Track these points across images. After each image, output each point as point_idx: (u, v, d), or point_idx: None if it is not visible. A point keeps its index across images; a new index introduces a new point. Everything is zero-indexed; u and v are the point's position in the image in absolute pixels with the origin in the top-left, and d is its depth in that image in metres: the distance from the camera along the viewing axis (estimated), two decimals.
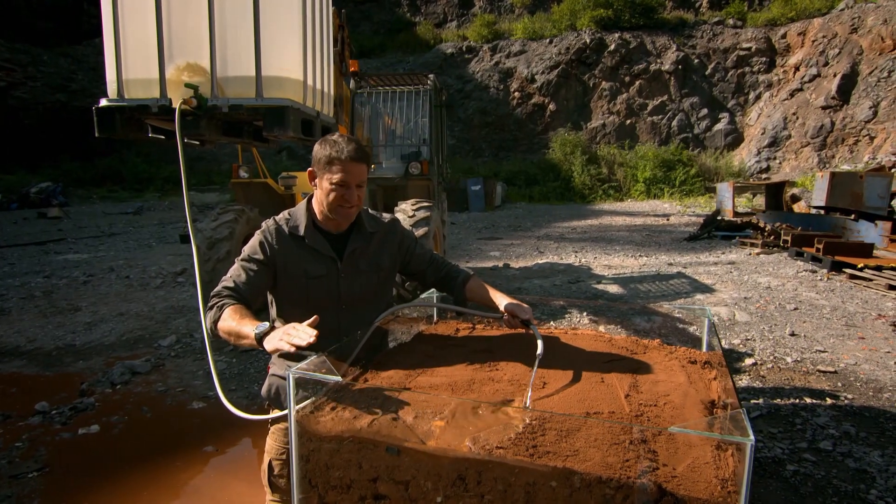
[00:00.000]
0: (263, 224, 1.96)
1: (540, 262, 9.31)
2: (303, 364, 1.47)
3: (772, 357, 4.65)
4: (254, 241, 1.93)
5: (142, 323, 6.08)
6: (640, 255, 9.81)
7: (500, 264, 9.10)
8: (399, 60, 28.44)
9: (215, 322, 1.76)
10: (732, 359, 4.66)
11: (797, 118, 23.13)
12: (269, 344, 1.58)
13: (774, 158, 23.62)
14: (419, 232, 5.50)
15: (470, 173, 22.31)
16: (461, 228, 14.58)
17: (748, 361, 4.57)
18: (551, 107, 26.53)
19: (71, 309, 6.70)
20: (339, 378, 1.43)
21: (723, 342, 5.01)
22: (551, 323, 5.56)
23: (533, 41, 27.62)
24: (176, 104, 2.77)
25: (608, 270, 8.42)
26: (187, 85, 2.80)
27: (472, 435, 1.34)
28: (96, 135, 2.92)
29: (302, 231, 1.92)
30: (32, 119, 24.78)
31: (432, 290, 2.28)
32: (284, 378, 1.94)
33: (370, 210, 2.13)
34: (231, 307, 1.75)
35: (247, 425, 3.47)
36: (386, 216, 2.14)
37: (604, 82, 26.28)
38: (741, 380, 4.28)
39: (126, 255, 10.79)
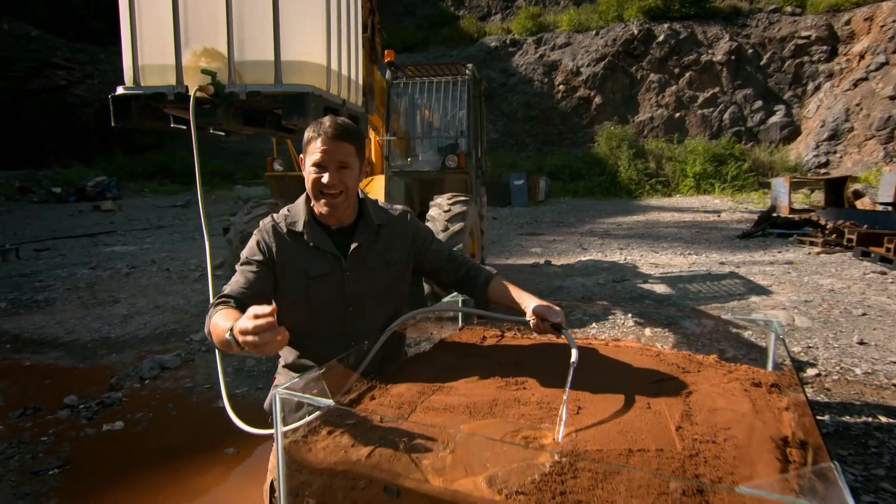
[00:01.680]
0: (261, 223, 1.79)
1: (583, 259, 8.97)
2: (292, 383, 1.27)
3: (838, 368, 4.25)
4: (251, 243, 1.76)
5: (176, 316, 6.07)
6: (689, 253, 9.35)
7: (541, 261, 8.80)
8: (442, 55, 28.21)
9: (208, 332, 1.58)
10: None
11: (861, 109, 21.88)
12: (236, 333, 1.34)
13: (834, 152, 22.42)
14: (454, 227, 5.28)
15: (513, 168, 21.95)
16: (502, 224, 14.29)
17: (811, 372, 4.18)
18: (597, 100, 25.88)
19: (110, 301, 6.76)
20: (330, 402, 1.22)
21: (781, 349, 4.62)
22: (591, 328, 5.26)
23: (579, 33, 26.98)
24: (193, 91, 2.61)
25: (655, 269, 8.02)
26: (204, 71, 2.65)
27: (489, 474, 1.12)
28: (112, 124, 2.80)
29: (300, 227, 1.73)
30: (89, 115, 25.67)
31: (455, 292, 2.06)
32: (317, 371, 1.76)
33: (380, 202, 1.92)
34: (222, 311, 1.57)
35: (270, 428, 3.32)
36: (397, 207, 1.92)
37: (652, 74, 25.46)
38: (785, 373, 3.90)
39: (170, 247, 10.96)
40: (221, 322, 1.49)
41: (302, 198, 1.79)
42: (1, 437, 3.56)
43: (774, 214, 11.93)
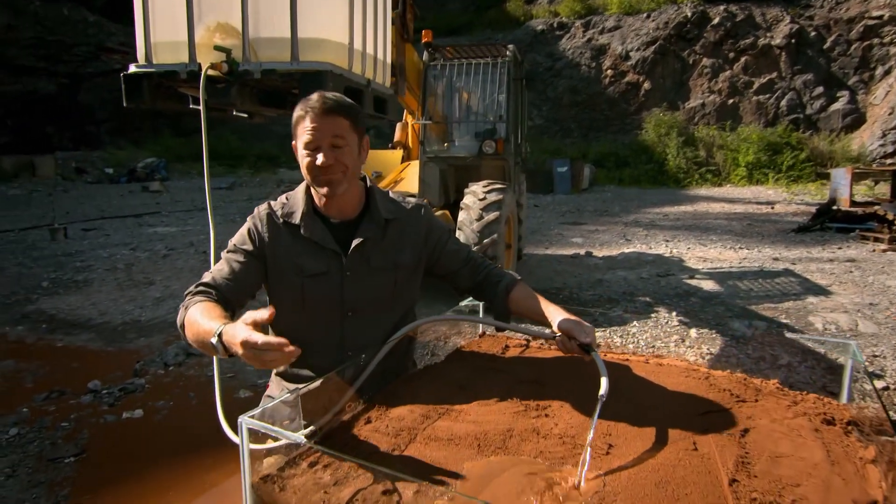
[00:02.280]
0: (256, 209, 1.60)
1: (626, 251, 8.60)
2: (261, 410, 1.08)
3: None
4: (242, 229, 1.57)
5: None
6: (739, 247, 8.85)
7: (582, 252, 8.47)
8: (488, 38, 27.72)
9: (182, 325, 1.41)
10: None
11: None
12: (228, 342, 1.19)
13: None
14: (489, 217, 5.05)
15: (557, 154, 21.44)
16: (544, 212, 13.94)
17: (878, 384, 3.80)
18: (646, 85, 25.01)
19: (146, 283, 6.79)
20: (300, 439, 1.02)
21: (843, 357, 4.24)
22: (632, 327, 4.95)
23: (629, 16, 26.08)
24: (204, 69, 2.45)
25: (703, 263, 7.60)
26: (217, 48, 2.48)
27: None
28: (124, 104, 2.67)
29: (298, 218, 1.53)
30: None
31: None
32: (282, 402, 1.58)
33: (391, 193, 1.70)
34: (199, 304, 1.39)
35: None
36: (410, 200, 1.70)
37: (705, 59, 24.42)
38: (867, 407, 3.54)
39: (210, 229, 11.04)
40: (202, 320, 1.32)
41: (301, 186, 1.59)
42: (25, 421, 3.54)
43: (834, 207, 11.21)
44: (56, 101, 24.82)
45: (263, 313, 1.17)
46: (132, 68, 2.65)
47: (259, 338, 1.09)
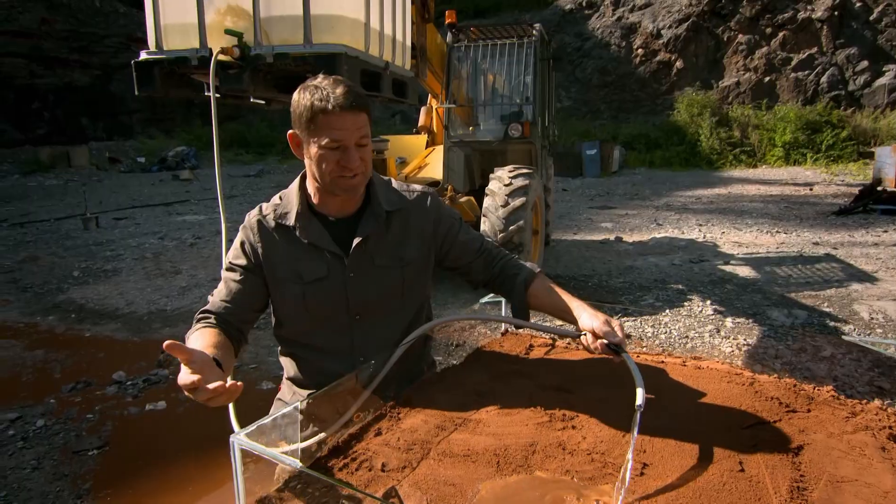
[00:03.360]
0: (246, 217, 1.47)
1: (657, 236, 8.35)
2: (257, 427, 0.99)
3: None
4: (235, 244, 1.46)
5: None
6: (777, 231, 8.52)
7: (612, 237, 8.25)
8: (515, 19, 27.23)
9: None
10: None
11: None
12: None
13: None
14: (515, 202, 4.90)
15: (586, 136, 21.05)
16: (573, 195, 13.67)
17: None
18: (678, 64, 24.30)
19: (173, 272, 6.83)
20: (296, 464, 0.92)
21: (892, 349, 4.00)
22: (664, 316, 4.77)
23: None
24: (214, 55, 2.36)
25: (738, 249, 7.32)
26: (228, 31, 2.38)
27: None
28: (136, 93, 2.60)
29: (292, 219, 1.40)
30: None
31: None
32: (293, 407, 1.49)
33: (393, 181, 1.55)
34: (196, 333, 1.31)
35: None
36: (415, 188, 1.55)
37: (740, 35, 23.57)
38: None
39: (237, 217, 10.98)
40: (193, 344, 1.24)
41: (295, 183, 1.45)
42: (51, 412, 3.56)
43: (879, 188, 10.72)
44: (90, 93, 25.28)
45: (204, 355, 1.13)
46: (143, 55, 2.57)
47: (187, 379, 1.00)
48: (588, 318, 1.38)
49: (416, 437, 1.16)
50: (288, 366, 1.54)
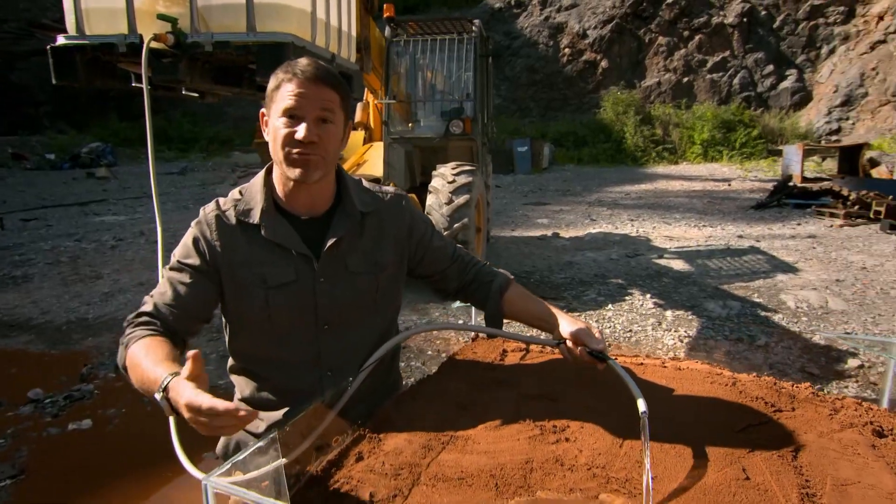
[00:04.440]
0: (202, 211, 1.30)
1: (592, 231, 8.54)
2: (230, 466, 0.87)
3: (881, 358, 3.86)
4: (185, 240, 1.29)
5: None
6: (703, 225, 8.91)
7: (549, 233, 8.37)
8: (438, 18, 27.19)
9: (124, 367, 1.16)
10: (831, 358, 3.89)
11: (877, 74, 21.13)
12: (174, 400, 0.97)
13: (847, 119, 21.79)
14: (459, 200, 4.85)
15: (516, 134, 21.33)
16: (506, 192, 13.81)
17: (852, 363, 3.79)
18: (603, 64, 25.06)
19: (93, 277, 6.36)
20: None
21: (817, 335, 4.24)
22: (607, 311, 4.85)
23: None
24: (147, 42, 2.15)
25: (670, 242, 7.59)
26: (161, 17, 2.18)
27: None
28: (54, 81, 2.34)
29: (256, 217, 1.26)
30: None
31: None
32: (249, 433, 1.35)
33: (364, 181, 1.43)
34: (142, 342, 1.14)
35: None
36: (388, 189, 1.44)
37: (660, 37, 24.59)
38: (846, 386, 3.53)
39: (162, 217, 10.51)
40: (147, 364, 1.07)
41: (259, 177, 1.31)
42: None
43: (791, 184, 11.44)
44: None
45: (191, 367, 0.96)
46: (60, 40, 2.32)
47: (205, 401, 0.89)
48: (567, 325, 1.34)
49: (402, 461, 1.06)
50: (242, 384, 1.38)
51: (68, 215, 10.96)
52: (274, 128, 1.20)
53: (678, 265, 6.28)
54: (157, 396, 0.99)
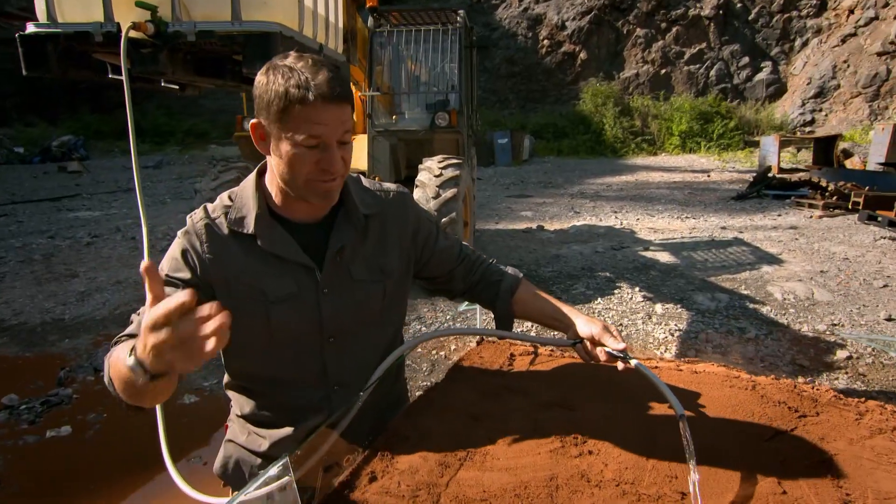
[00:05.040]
0: (189, 219, 1.17)
1: (577, 223, 8.52)
2: (253, 492, 0.79)
3: (869, 349, 3.89)
4: (172, 252, 1.15)
5: (140, 293, 5.46)
6: (686, 217, 8.95)
7: (534, 226, 8.33)
8: (422, 8, 27.00)
9: (109, 381, 1.00)
10: (820, 350, 3.91)
11: (848, 66, 21.49)
12: (141, 350, 0.81)
13: (820, 110, 22.16)
14: (447, 194, 4.77)
15: (496, 125, 21.28)
16: (488, 184, 13.75)
17: (841, 354, 3.81)
18: (582, 55, 25.11)
19: (68, 275, 6.16)
20: None
21: (805, 327, 4.26)
22: (596, 304, 4.82)
23: None
24: (125, 31, 2.03)
25: (654, 234, 7.60)
26: (139, 4, 2.06)
27: None
28: (24, 72, 2.21)
29: (251, 226, 1.14)
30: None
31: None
32: (251, 451, 1.27)
33: (363, 178, 1.33)
34: (122, 345, 1.00)
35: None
36: (389, 187, 1.33)
37: (638, 29, 24.71)
38: (837, 378, 3.54)
39: (137, 212, 10.25)
40: (122, 353, 0.92)
41: (250, 181, 1.18)
42: None
43: (770, 175, 11.56)
44: None
45: (149, 283, 0.80)
46: (31, 28, 2.19)
47: (164, 307, 0.74)
48: (584, 324, 1.27)
49: (419, 480, 0.99)
50: (241, 401, 1.27)
51: (40, 211, 10.63)
52: (290, 154, 1.06)
53: (664, 257, 6.29)
54: (129, 363, 0.84)
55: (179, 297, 0.75)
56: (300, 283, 1.17)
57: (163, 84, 2.81)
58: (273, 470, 0.83)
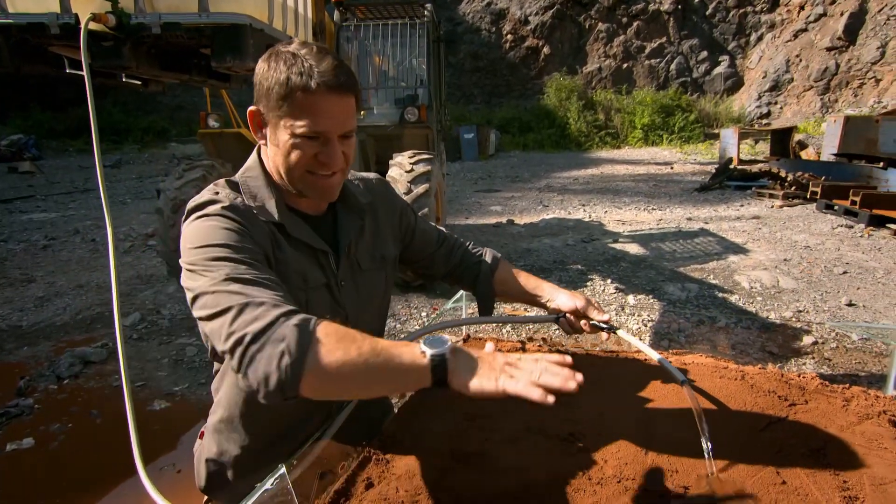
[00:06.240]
0: (208, 201, 1.02)
1: (546, 217, 8.57)
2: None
3: (833, 334, 4.00)
4: (217, 230, 0.96)
5: (103, 297, 5.32)
6: (652, 209, 9.08)
7: (504, 220, 8.35)
8: (389, 2, 26.79)
9: (315, 368, 0.82)
10: (788, 336, 4.00)
11: (800, 60, 22.17)
12: (475, 382, 0.87)
13: (775, 103, 22.81)
14: (419, 189, 4.73)
15: (461, 120, 21.30)
16: (456, 179, 13.74)
17: (807, 340, 3.91)
18: (545, 50, 25.30)
19: (24, 280, 5.91)
20: None
21: (772, 314, 4.36)
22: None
23: None
24: (84, 23, 1.94)
25: (622, 227, 7.69)
26: None
27: None
28: None
29: (276, 213, 1.07)
30: None
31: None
32: (235, 458, 1.21)
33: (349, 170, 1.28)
34: (323, 324, 0.86)
35: None
36: (369, 176, 1.33)
37: (600, 24, 25.02)
38: (804, 363, 3.63)
39: (96, 213, 9.91)
40: (363, 340, 0.85)
41: (256, 171, 1.10)
42: None
43: (732, 167, 11.82)
44: None
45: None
46: None
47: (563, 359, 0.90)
48: (568, 298, 1.31)
49: (417, 485, 0.97)
50: (238, 400, 1.17)
51: None
52: (288, 144, 1.00)
53: (633, 249, 6.37)
54: (429, 351, 0.86)
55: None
56: (326, 273, 1.14)
57: (124, 79, 2.69)
58: (269, 483, 0.79)
